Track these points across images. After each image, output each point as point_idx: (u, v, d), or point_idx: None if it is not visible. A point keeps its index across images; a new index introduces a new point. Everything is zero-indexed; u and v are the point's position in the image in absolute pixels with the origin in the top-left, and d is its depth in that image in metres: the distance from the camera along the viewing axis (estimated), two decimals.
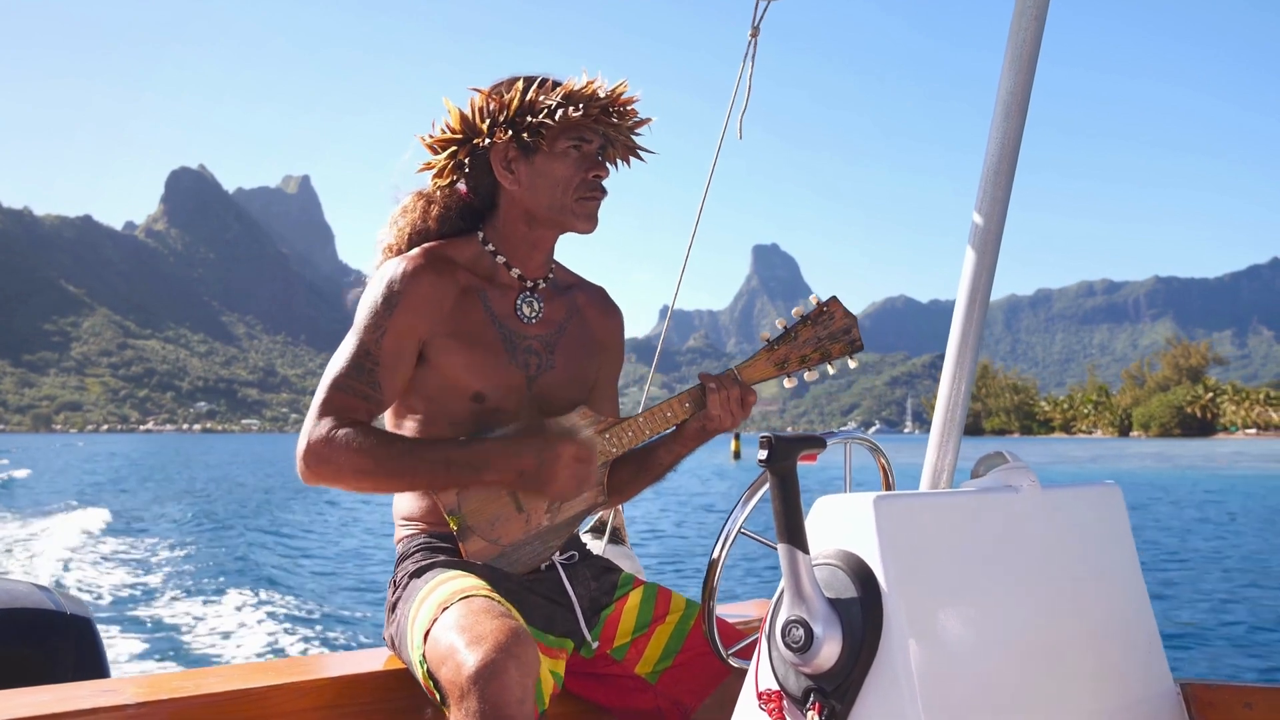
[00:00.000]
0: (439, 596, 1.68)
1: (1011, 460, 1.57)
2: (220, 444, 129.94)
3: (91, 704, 1.55)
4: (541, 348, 1.91)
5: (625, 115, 1.86)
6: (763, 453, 1.34)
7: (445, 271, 1.84)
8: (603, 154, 1.90)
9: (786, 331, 1.95)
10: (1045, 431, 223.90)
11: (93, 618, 2.30)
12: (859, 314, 2.06)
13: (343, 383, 1.76)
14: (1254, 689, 1.71)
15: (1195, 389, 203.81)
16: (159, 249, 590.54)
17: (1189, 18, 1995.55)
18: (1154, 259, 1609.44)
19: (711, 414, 1.89)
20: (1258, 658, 8.14)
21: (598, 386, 2.04)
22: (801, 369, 1.95)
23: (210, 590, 11.25)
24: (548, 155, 1.83)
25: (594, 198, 1.86)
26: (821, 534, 1.40)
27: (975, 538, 1.46)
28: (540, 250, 1.92)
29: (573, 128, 1.83)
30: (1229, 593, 11.42)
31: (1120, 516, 1.68)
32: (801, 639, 1.34)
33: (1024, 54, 1.72)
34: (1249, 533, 18.52)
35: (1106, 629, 1.59)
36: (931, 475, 1.79)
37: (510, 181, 1.85)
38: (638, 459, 1.98)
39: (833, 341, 1.96)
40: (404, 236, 1.92)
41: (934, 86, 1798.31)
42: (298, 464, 1.74)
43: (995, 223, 1.76)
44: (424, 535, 1.89)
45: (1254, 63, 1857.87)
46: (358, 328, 1.80)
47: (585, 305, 2.02)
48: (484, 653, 1.51)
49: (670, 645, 1.91)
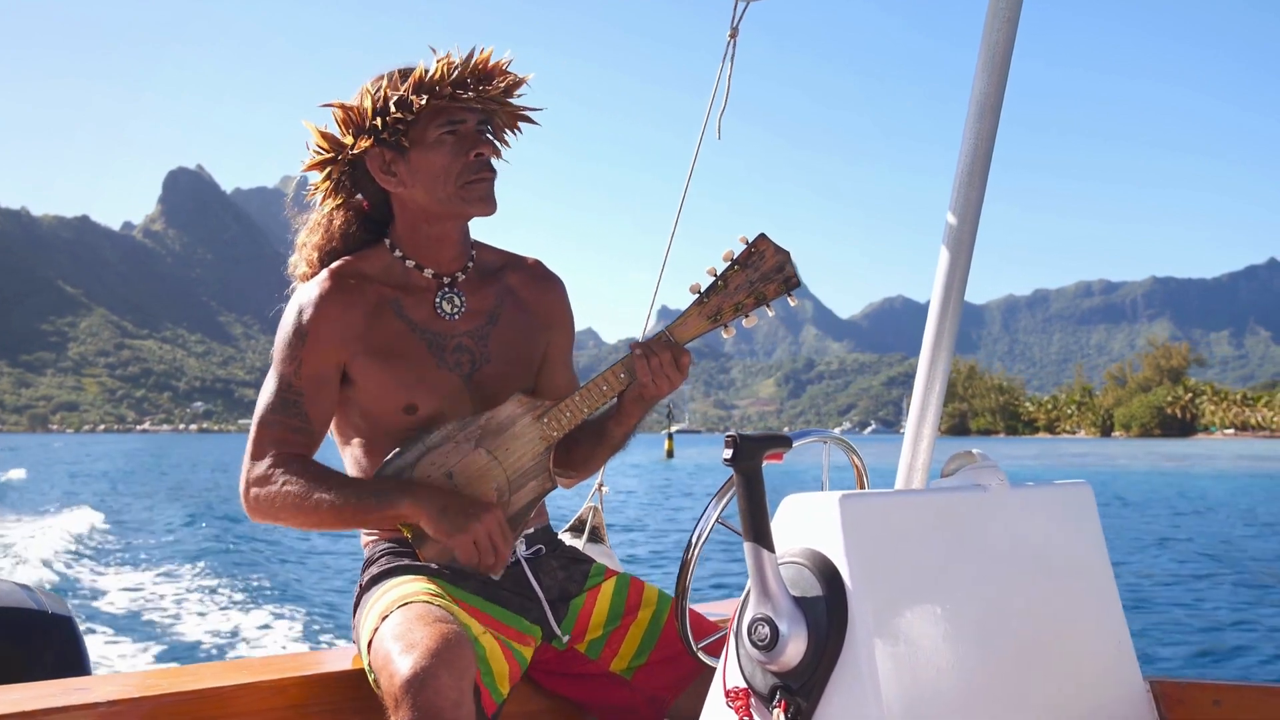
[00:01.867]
0: (381, 605, 1.70)
1: (981, 459, 1.58)
2: (216, 444, 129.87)
3: (63, 702, 1.55)
4: (473, 343, 1.89)
5: (493, 83, 1.78)
6: (727, 452, 1.35)
7: (353, 290, 1.82)
8: (488, 130, 1.84)
9: (716, 280, 1.83)
10: (1030, 432, 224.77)
11: (74, 617, 2.31)
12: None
13: (270, 419, 1.79)
14: (1222, 686, 1.72)
15: (1175, 389, 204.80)
16: (157, 249, 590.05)
17: (1186, 18, 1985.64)
18: (1151, 259, 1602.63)
19: (642, 381, 1.80)
20: (1226, 655, 8.16)
21: (547, 363, 2.00)
22: (737, 317, 1.83)
23: (202, 590, 11.25)
24: (421, 148, 1.78)
25: (481, 179, 1.80)
26: (788, 533, 1.41)
27: (942, 536, 1.46)
28: (447, 244, 1.88)
29: (441, 113, 1.77)
30: (1200, 590, 11.45)
31: (1090, 515, 1.68)
32: (767, 637, 1.34)
33: (997, 56, 1.73)
34: (1222, 530, 18.57)
35: (1075, 627, 1.60)
36: (906, 474, 1.80)
37: (394, 185, 1.82)
38: (592, 434, 1.94)
39: (766, 282, 1.83)
40: (314, 259, 1.91)
41: (933, 86, 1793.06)
42: (241, 503, 1.78)
43: (969, 223, 1.77)
44: (386, 541, 1.90)
45: (1252, 63, 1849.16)
46: (276, 361, 1.81)
47: (519, 284, 1.98)
48: (414, 660, 1.52)
49: (645, 641, 1.91)
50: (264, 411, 1.79)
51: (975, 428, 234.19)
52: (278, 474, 1.74)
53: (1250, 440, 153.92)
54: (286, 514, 1.75)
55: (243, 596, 10.67)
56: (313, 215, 1.94)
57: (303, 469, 1.76)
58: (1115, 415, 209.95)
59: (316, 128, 1.81)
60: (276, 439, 1.77)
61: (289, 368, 1.79)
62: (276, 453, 1.76)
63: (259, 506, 1.76)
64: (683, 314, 1.86)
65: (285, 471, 1.75)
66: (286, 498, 1.73)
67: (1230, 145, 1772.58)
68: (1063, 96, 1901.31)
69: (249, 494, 1.76)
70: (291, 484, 1.73)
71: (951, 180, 1.79)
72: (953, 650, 1.40)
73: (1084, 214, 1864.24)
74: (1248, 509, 23.78)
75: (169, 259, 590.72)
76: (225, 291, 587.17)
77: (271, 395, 1.79)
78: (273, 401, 1.79)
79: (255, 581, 11.83)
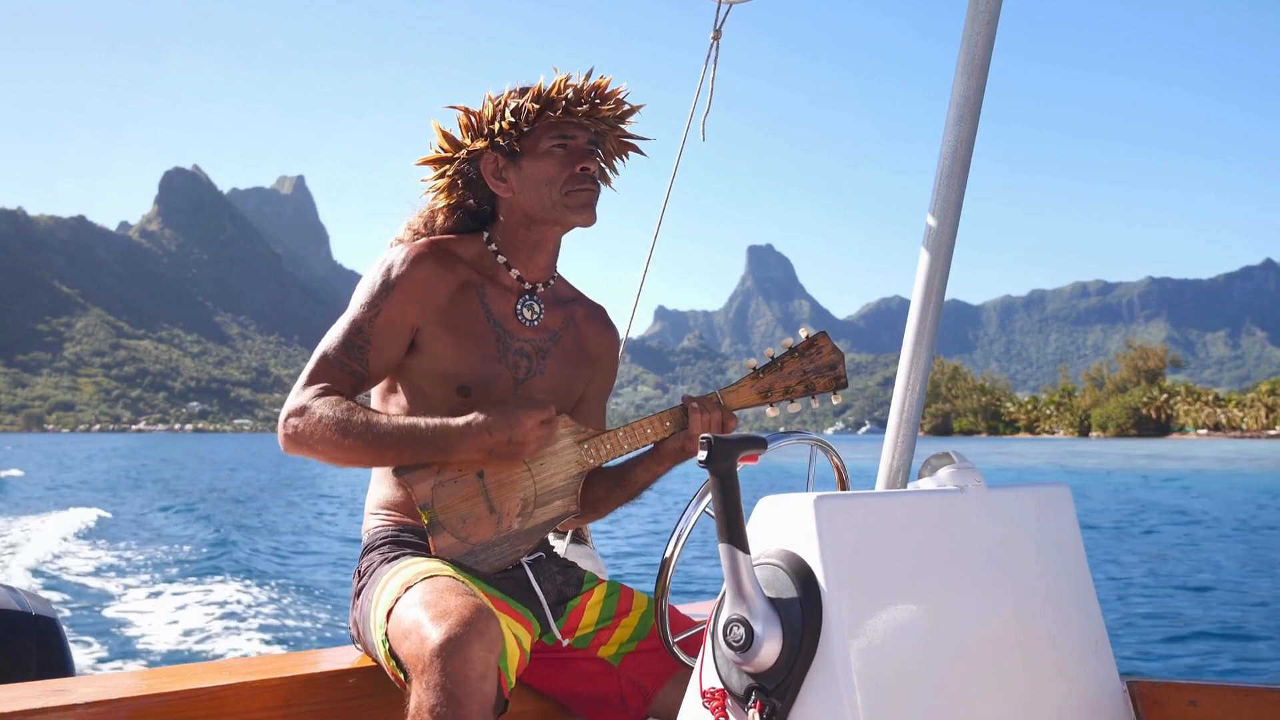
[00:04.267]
0: (403, 577, 1.71)
1: (958, 461, 1.58)
2: (211, 444, 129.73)
3: (41, 704, 1.55)
4: (534, 352, 1.94)
5: (606, 106, 1.87)
6: (702, 453, 1.36)
7: (446, 263, 1.87)
8: (597, 149, 1.92)
9: (774, 361, 2.00)
10: (1011, 432, 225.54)
11: (58, 618, 2.30)
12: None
13: (332, 356, 1.82)
14: (1199, 686, 1.73)
15: (1151, 390, 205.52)
16: (153, 249, 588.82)
17: (1183, 19, 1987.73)
18: (1148, 260, 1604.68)
19: (693, 434, 1.91)
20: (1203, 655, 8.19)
21: (585, 400, 2.06)
22: (785, 399, 2.00)
23: (194, 591, 11.23)
24: (533, 157, 1.86)
25: (583, 189, 1.88)
26: (763, 534, 1.41)
27: (919, 537, 1.47)
28: (543, 252, 1.95)
29: (554, 127, 1.86)
30: (1175, 591, 11.49)
31: (1068, 516, 1.69)
32: (742, 638, 1.35)
33: (976, 59, 1.73)
34: (1204, 533, 18.62)
35: (1052, 628, 1.60)
36: (887, 474, 1.80)
37: (503, 189, 1.89)
38: (614, 476, 2.00)
39: (818, 375, 2.01)
40: (412, 234, 1.97)
41: (932, 87, 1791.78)
42: (279, 430, 1.79)
43: (949, 224, 1.77)
44: (393, 527, 1.91)
45: (1249, 64, 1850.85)
46: (353, 306, 1.84)
47: (582, 319, 2.05)
48: (448, 627, 1.52)
49: (635, 634, 1.94)
50: (328, 347, 1.82)
51: (958, 428, 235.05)
52: (318, 403, 1.76)
53: (1224, 440, 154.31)
54: (319, 442, 1.75)
55: (234, 597, 10.65)
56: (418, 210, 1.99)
57: (343, 403, 1.78)
58: (1093, 416, 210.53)
59: (440, 127, 1.88)
60: (330, 376, 1.80)
61: (366, 313, 1.82)
62: (326, 386, 1.79)
63: (297, 435, 1.76)
64: (737, 383, 2.00)
65: (328, 402, 1.76)
66: (324, 427, 1.74)
67: (1227, 146, 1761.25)
68: (1061, 97, 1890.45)
69: (288, 422, 1.77)
70: (330, 414, 1.75)
71: (932, 182, 1.80)
72: (928, 651, 1.40)
73: (1081, 215, 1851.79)
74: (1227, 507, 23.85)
75: (165, 259, 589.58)
76: (221, 292, 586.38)
77: (341, 335, 1.82)
78: (341, 341, 1.82)
79: (246, 582, 11.81)
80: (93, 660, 7.49)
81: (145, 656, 7.83)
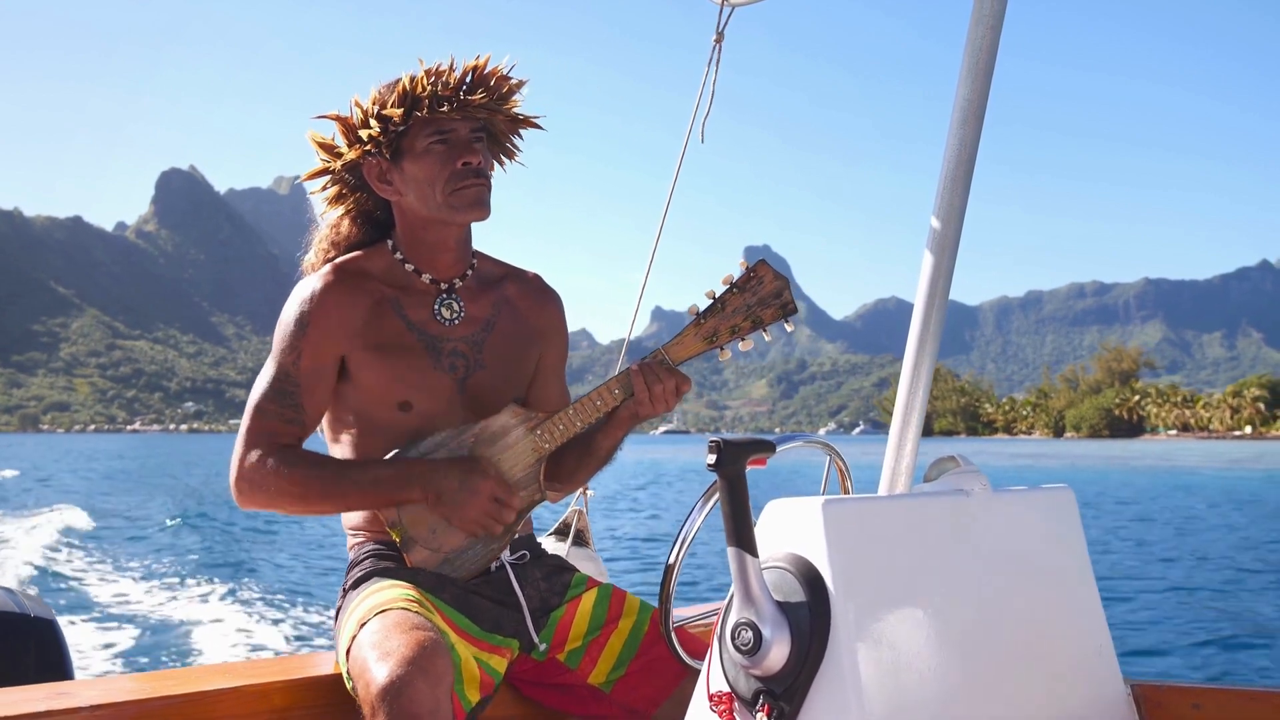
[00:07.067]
0: (359, 613, 1.70)
1: (963, 464, 1.58)
2: (206, 444, 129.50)
3: (44, 707, 1.55)
4: (468, 349, 1.90)
5: (478, 94, 1.78)
6: (711, 457, 1.35)
7: (355, 284, 1.83)
8: (482, 137, 1.84)
9: (714, 302, 1.87)
10: (989, 432, 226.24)
11: (56, 620, 2.30)
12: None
13: (265, 408, 1.79)
14: (1202, 690, 1.73)
15: (1124, 391, 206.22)
16: (149, 250, 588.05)
17: (1181, 19, 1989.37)
18: (1144, 261, 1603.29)
19: (639, 399, 1.85)
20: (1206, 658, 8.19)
21: (539, 375, 2.02)
22: (734, 340, 1.88)
23: (189, 592, 11.21)
24: (413, 158, 1.80)
25: (467, 186, 1.81)
26: (771, 537, 1.41)
27: (925, 541, 1.47)
28: (445, 251, 1.90)
29: (429, 123, 1.78)
30: (1178, 593, 11.50)
31: (1072, 519, 1.69)
32: (750, 641, 1.35)
33: (980, 62, 1.74)
34: (1205, 533, 18.65)
35: (1056, 631, 1.60)
36: (890, 478, 1.80)
37: (390, 193, 1.85)
38: (580, 447, 1.96)
39: (764, 307, 1.87)
40: (322, 254, 1.94)
41: (931, 88, 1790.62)
42: (231, 490, 1.78)
43: (953, 227, 1.77)
44: (370, 544, 1.90)
45: (1246, 64, 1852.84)
46: (275, 351, 1.82)
47: (517, 296, 2.00)
48: (390, 668, 1.52)
49: (624, 653, 1.90)
50: (259, 400, 1.79)
51: (938, 428, 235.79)
52: (270, 461, 1.75)
53: (1191, 441, 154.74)
54: (279, 500, 1.76)
55: (230, 599, 10.63)
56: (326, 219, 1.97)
57: (296, 456, 1.77)
58: (1067, 417, 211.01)
59: (318, 137, 1.83)
60: (270, 429, 1.78)
61: (288, 358, 1.79)
62: (269, 442, 1.77)
63: (251, 494, 1.76)
64: (679, 334, 1.89)
65: (278, 459, 1.75)
66: (280, 482, 1.74)
67: (1223, 146, 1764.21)
68: (1058, 97, 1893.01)
69: (241, 480, 1.77)
70: (285, 469, 1.74)
71: (936, 184, 1.80)
72: (935, 654, 1.40)
73: (1077, 215, 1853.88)
74: (1225, 510, 23.88)
75: (161, 260, 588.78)
76: (218, 292, 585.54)
77: (268, 384, 1.80)
78: (268, 390, 1.79)
79: (243, 584, 11.79)
80: (90, 663, 7.47)
81: (144, 658, 7.81)
